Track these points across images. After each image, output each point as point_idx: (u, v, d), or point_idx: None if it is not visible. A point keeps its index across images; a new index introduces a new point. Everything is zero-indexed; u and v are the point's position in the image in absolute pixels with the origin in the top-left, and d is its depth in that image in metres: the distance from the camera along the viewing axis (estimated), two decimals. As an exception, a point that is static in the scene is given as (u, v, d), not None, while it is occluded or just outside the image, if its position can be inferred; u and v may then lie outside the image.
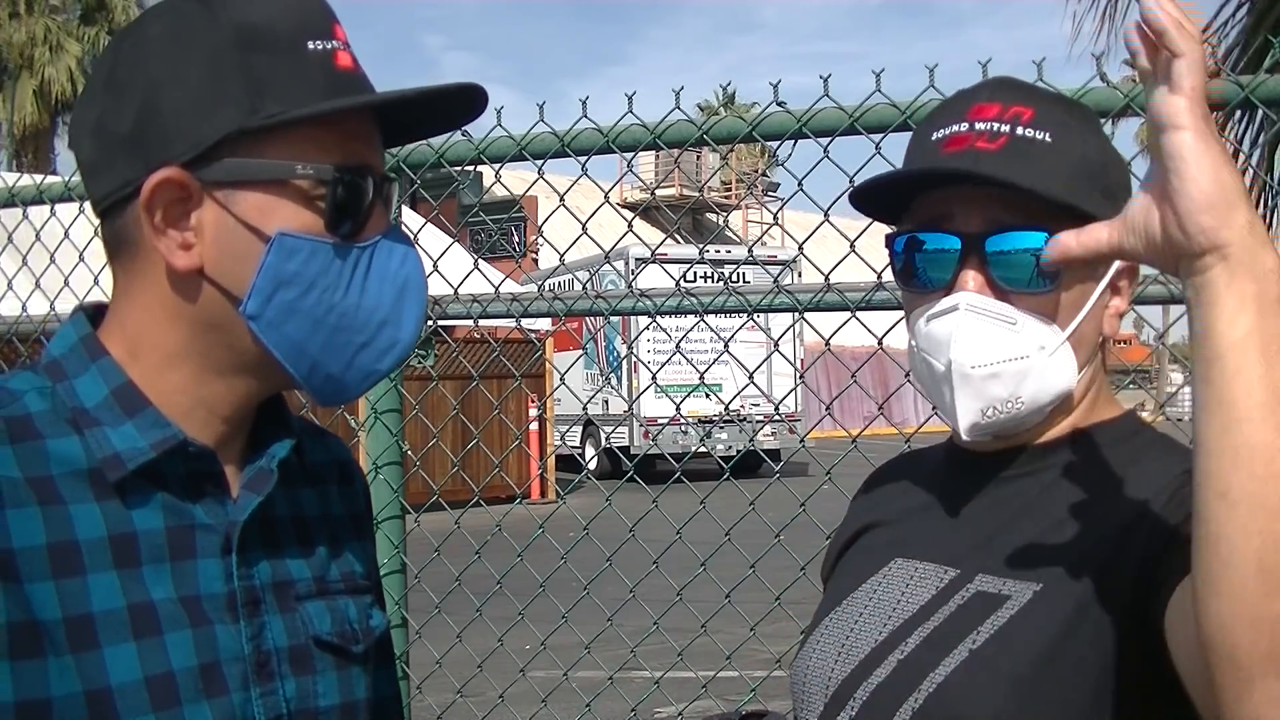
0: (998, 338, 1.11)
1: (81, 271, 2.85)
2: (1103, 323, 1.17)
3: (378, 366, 1.06)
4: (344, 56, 1.02)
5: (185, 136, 0.97)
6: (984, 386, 1.11)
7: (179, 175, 0.97)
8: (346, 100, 1.00)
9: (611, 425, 18.59)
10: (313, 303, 1.00)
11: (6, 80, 33.25)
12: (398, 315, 1.05)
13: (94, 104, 1.02)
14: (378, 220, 1.05)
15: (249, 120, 0.97)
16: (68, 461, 0.98)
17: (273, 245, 0.99)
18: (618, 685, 2.67)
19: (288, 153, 0.99)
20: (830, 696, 1.15)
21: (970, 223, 1.12)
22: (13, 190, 2.96)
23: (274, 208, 0.99)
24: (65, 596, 0.93)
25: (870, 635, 1.16)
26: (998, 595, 1.09)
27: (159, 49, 0.99)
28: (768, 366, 15.24)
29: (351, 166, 1.01)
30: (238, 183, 0.98)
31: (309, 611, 1.08)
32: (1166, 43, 0.85)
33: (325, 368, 1.03)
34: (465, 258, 3.39)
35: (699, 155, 30.73)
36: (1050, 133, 1.11)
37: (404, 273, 1.06)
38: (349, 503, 1.21)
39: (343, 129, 1.01)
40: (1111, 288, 1.16)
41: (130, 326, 1.04)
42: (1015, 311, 1.11)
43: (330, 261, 1.01)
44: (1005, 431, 1.15)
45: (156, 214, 0.98)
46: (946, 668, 1.08)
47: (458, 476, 3.09)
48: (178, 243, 0.99)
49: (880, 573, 1.21)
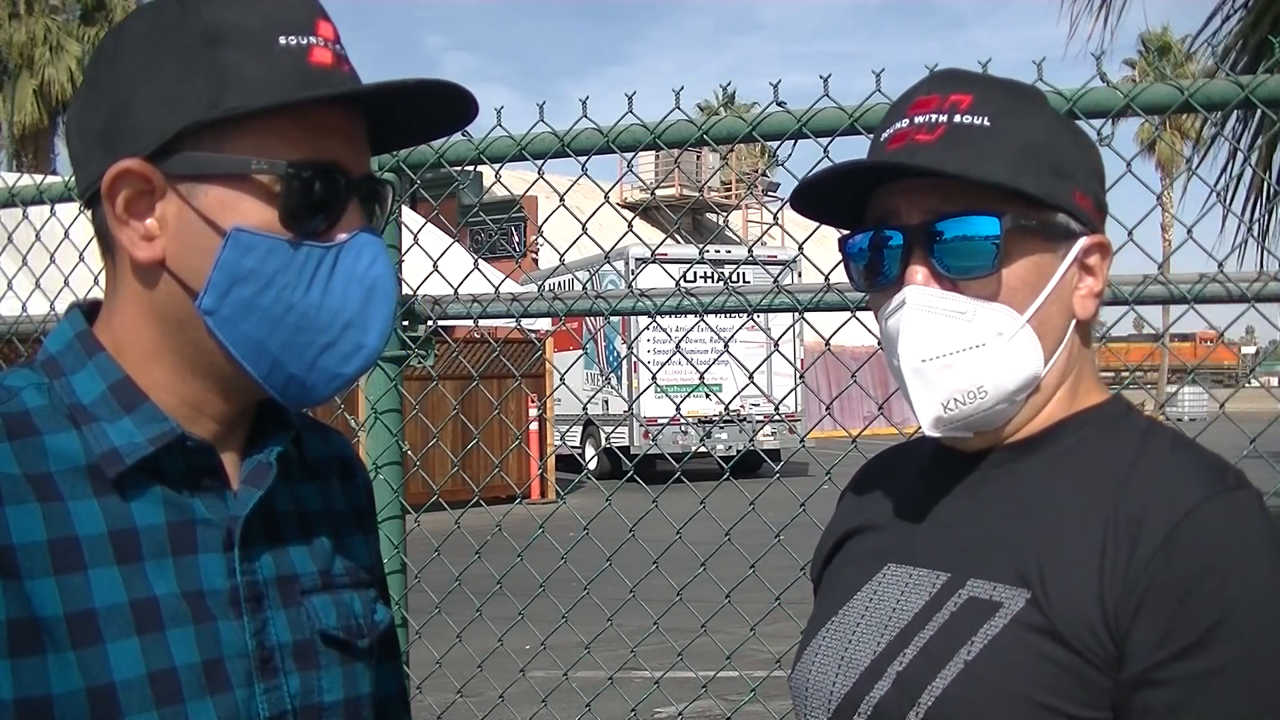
0: (947, 329, 1.10)
1: (81, 271, 2.85)
2: (1074, 304, 1.14)
3: (342, 370, 1.03)
4: (321, 53, 1.00)
5: (150, 130, 0.98)
6: (939, 379, 1.11)
7: (139, 166, 0.98)
8: (305, 93, 0.98)
9: (611, 425, 18.59)
10: (270, 300, 0.99)
11: (6, 80, 33.25)
12: (364, 319, 1.03)
13: (79, 101, 1.03)
14: (350, 219, 1.03)
15: (207, 113, 0.97)
16: (66, 457, 0.98)
17: (228, 240, 0.98)
18: (618, 685, 2.67)
19: (247, 147, 0.98)
20: (833, 712, 1.14)
21: (912, 215, 1.12)
22: (13, 190, 2.96)
23: (234, 202, 0.98)
24: (66, 592, 0.93)
25: (869, 646, 1.14)
26: (989, 602, 1.08)
27: (135, 46, 1.00)
28: (768, 366, 15.25)
29: (315, 163, 0.99)
30: (200, 176, 0.98)
31: (314, 605, 1.08)
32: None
33: (286, 367, 1.01)
34: (465, 258, 3.39)
35: (699, 155, 30.74)
36: (988, 117, 1.10)
37: (372, 274, 1.03)
38: (351, 497, 1.21)
39: (311, 124, 0.99)
40: (1080, 266, 1.14)
41: (115, 323, 1.04)
42: (965, 300, 1.10)
43: (289, 259, 0.99)
44: (978, 425, 1.13)
45: (118, 204, 0.99)
46: (944, 680, 1.06)
47: (458, 476, 3.09)
48: (139, 234, 0.99)
49: (874, 580, 1.19)
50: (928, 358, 1.11)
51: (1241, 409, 3.14)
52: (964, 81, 1.14)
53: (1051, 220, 1.11)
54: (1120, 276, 1.98)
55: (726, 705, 2.88)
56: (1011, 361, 1.10)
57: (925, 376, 1.11)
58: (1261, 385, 19.94)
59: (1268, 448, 1.96)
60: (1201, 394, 32.07)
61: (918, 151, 1.10)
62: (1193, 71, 13.14)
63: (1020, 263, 1.11)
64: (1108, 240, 1.15)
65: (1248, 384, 12.59)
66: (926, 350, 1.11)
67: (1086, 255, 1.14)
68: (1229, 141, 4.74)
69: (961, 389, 1.10)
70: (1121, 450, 1.10)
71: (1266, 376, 43.16)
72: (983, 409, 1.11)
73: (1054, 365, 1.13)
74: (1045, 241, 1.11)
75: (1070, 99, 1.95)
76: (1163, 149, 31.89)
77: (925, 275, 1.11)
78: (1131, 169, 2.06)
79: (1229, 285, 1.92)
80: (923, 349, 1.11)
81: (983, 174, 1.08)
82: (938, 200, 1.11)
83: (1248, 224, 4.79)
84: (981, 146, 1.09)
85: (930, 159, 1.09)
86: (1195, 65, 8.57)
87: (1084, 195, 1.13)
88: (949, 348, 1.10)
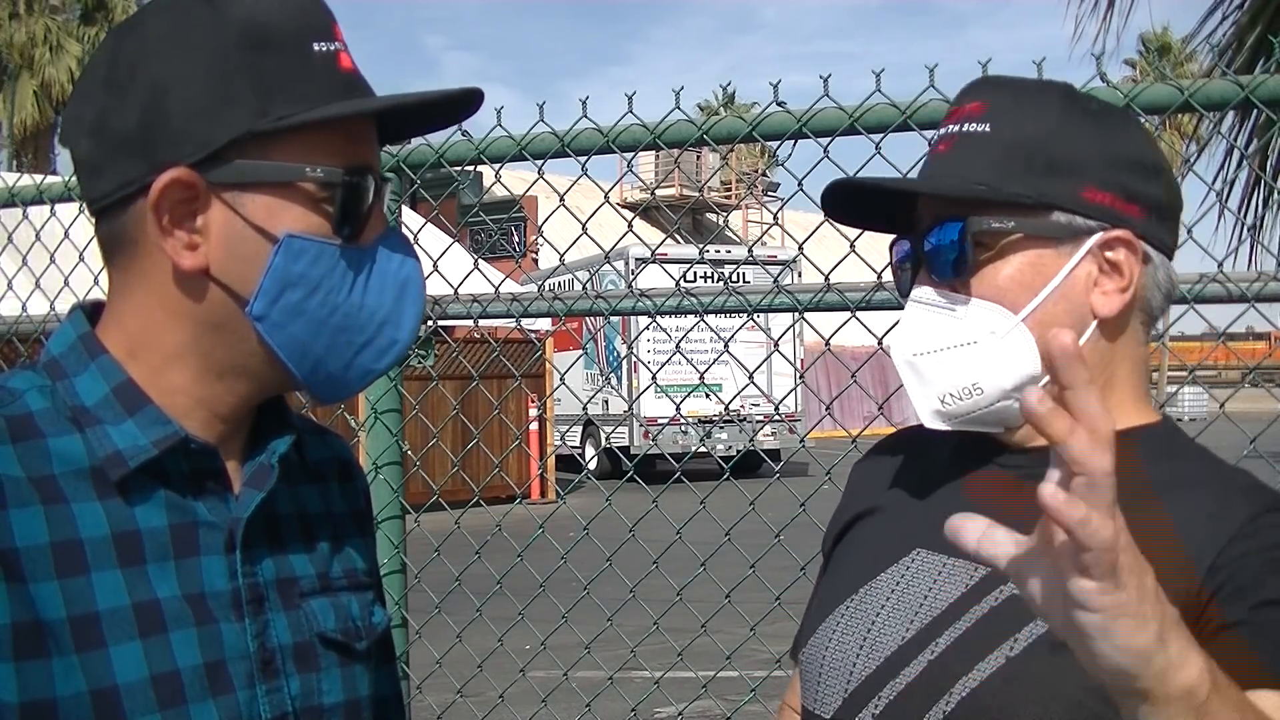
0: (939, 325, 1.13)
1: (81, 271, 2.85)
2: (1093, 303, 1.11)
3: (376, 365, 1.07)
4: (345, 58, 1.03)
5: (194, 138, 0.97)
6: (932, 373, 1.13)
7: (188, 176, 0.97)
8: (357, 104, 1.01)
9: (611, 425, 18.59)
10: (317, 304, 1.01)
11: (6, 80, 33.26)
12: (398, 315, 1.06)
13: (93, 101, 1.00)
14: (377, 221, 1.06)
15: (258, 123, 0.97)
16: (69, 460, 0.98)
17: (280, 247, 0.99)
18: (618, 685, 2.67)
19: (296, 155, 0.99)
20: (852, 691, 1.13)
21: (922, 225, 1.16)
22: (13, 190, 2.96)
23: (281, 209, 0.99)
24: (70, 595, 0.93)
25: (896, 631, 1.13)
26: None
27: (163, 47, 0.98)
28: (768, 366, 15.27)
29: (359, 168, 1.02)
30: (246, 184, 0.99)
31: (313, 608, 1.08)
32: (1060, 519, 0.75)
33: (326, 367, 1.04)
34: (465, 258, 3.39)
35: (699, 155, 30.74)
36: (990, 123, 1.13)
37: (404, 273, 1.07)
38: (350, 500, 1.21)
39: (348, 132, 1.02)
40: (1101, 262, 1.11)
41: (129, 325, 1.03)
42: (957, 297, 1.13)
43: (335, 263, 1.02)
44: (991, 421, 1.13)
45: (164, 214, 0.98)
46: (981, 673, 1.05)
47: (458, 476, 3.09)
48: (184, 243, 0.99)
49: (901, 563, 1.18)
50: (919, 351, 1.14)
51: (1241, 409, 3.14)
52: (985, 88, 1.17)
53: (1043, 220, 1.11)
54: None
55: (726, 705, 2.88)
56: (1005, 360, 1.10)
57: (918, 370, 1.14)
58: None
59: (1268, 448, 1.97)
60: (1201, 394, 32.04)
61: (933, 164, 1.16)
62: (1192, 71, 13.12)
63: (1013, 263, 1.11)
64: (1131, 235, 1.11)
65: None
66: (918, 344, 1.14)
67: (1107, 251, 1.12)
68: (1228, 140, 4.74)
69: (956, 384, 1.12)
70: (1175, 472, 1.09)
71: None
72: (982, 405, 1.12)
73: None
74: (1042, 241, 1.11)
75: (1070, 99, 1.95)
76: (1163, 149, 31.84)
77: (925, 279, 1.16)
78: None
79: (1229, 285, 1.92)
80: (914, 343, 1.15)
81: (946, 189, 1.12)
82: (939, 208, 1.14)
83: (1245, 222, 4.79)
84: (976, 155, 1.12)
85: (939, 170, 1.15)
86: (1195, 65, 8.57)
87: (1097, 190, 1.11)
88: (940, 343, 1.13)
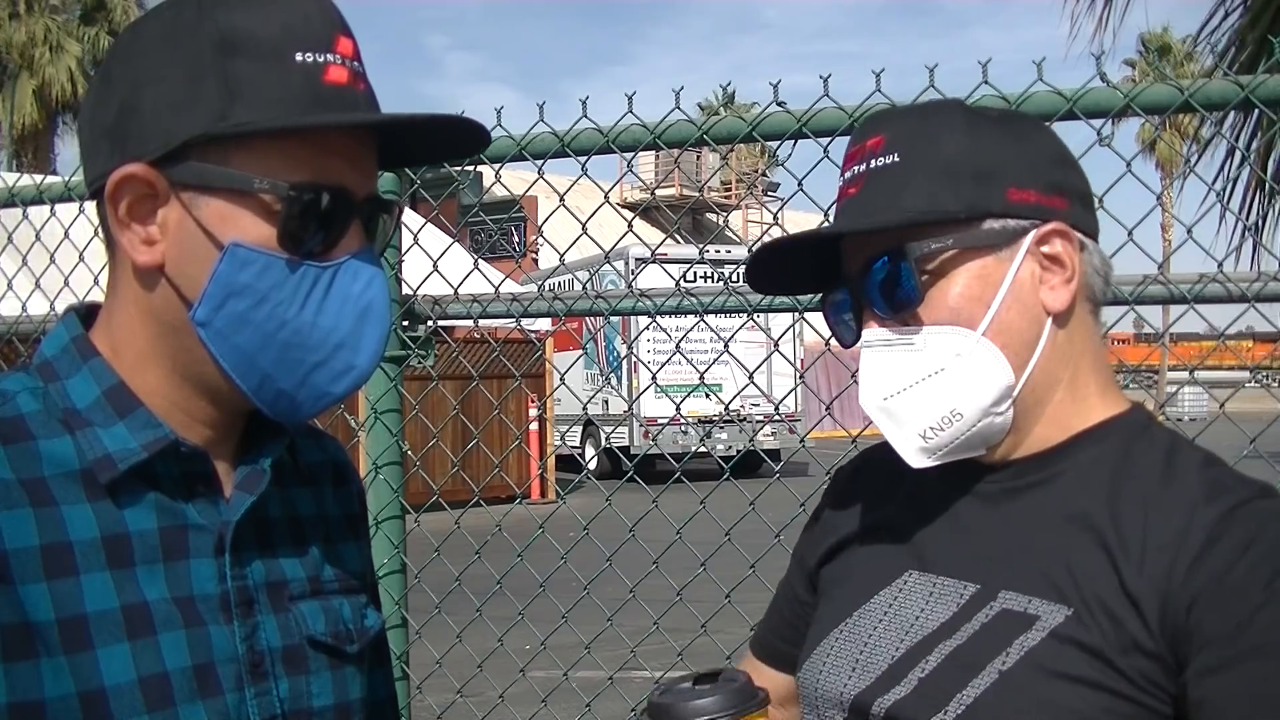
0: (900, 362, 1.11)
1: (81, 271, 2.85)
2: (1043, 300, 1.10)
3: (331, 389, 1.03)
4: (337, 71, 0.99)
5: (157, 134, 0.97)
6: (906, 412, 1.11)
7: (144, 171, 0.98)
8: (322, 117, 0.97)
9: (611, 425, 18.59)
10: (264, 316, 0.99)
11: (6, 80, 33.25)
12: (356, 339, 1.03)
13: (91, 93, 1.03)
14: (351, 240, 1.02)
15: (215, 126, 0.96)
16: (60, 462, 0.98)
17: (225, 254, 0.98)
18: (618, 685, 2.67)
19: (252, 163, 0.97)
20: (848, 711, 1.13)
21: (851, 269, 1.15)
22: (13, 190, 2.96)
23: (235, 216, 0.98)
24: (58, 598, 0.93)
25: (887, 650, 1.12)
26: (1024, 615, 1.05)
27: (148, 46, 1.00)
28: (768, 366, 15.26)
29: (317, 185, 0.98)
30: (203, 187, 0.98)
31: (303, 611, 1.08)
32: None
33: (276, 383, 1.01)
34: (465, 258, 3.39)
35: (699, 155, 30.73)
36: (897, 153, 1.11)
37: (367, 296, 1.03)
38: (344, 503, 1.21)
39: (319, 145, 0.99)
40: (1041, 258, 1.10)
41: (113, 324, 1.04)
42: (910, 330, 1.10)
43: (285, 277, 0.99)
44: (975, 444, 1.12)
45: (121, 207, 0.99)
46: (975, 689, 1.05)
47: (458, 476, 3.09)
48: (141, 237, 0.99)
49: (894, 585, 1.17)
50: (889, 394, 1.11)
51: (1241, 409, 3.14)
52: (880, 123, 1.15)
53: (976, 230, 1.09)
54: (1120, 276, 1.97)
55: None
56: (977, 378, 1.09)
57: (892, 414, 1.12)
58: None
59: (1268, 448, 1.97)
60: (1201, 394, 32.04)
61: (847, 209, 1.13)
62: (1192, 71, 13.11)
63: (959, 280, 1.09)
64: (1064, 225, 1.10)
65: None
66: (886, 387, 1.12)
67: (1043, 245, 1.11)
68: (1228, 141, 4.74)
69: (935, 415, 1.10)
70: (1150, 465, 1.09)
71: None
72: (965, 430, 1.10)
73: (1036, 366, 1.10)
74: (982, 251, 1.09)
75: (1070, 99, 1.95)
76: (1163, 149, 31.87)
77: (872, 320, 1.13)
78: (1131, 169, 2.06)
79: (1229, 285, 1.92)
80: (881, 387, 1.12)
81: (885, 220, 1.09)
82: (870, 248, 1.12)
83: (1245, 223, 4.79)
84: (894, 185, 1.10)
85: (854, 212, 1.12)
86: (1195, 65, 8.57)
87: (1021, 189, 1.10)
88: (907, 380, 1.10)
